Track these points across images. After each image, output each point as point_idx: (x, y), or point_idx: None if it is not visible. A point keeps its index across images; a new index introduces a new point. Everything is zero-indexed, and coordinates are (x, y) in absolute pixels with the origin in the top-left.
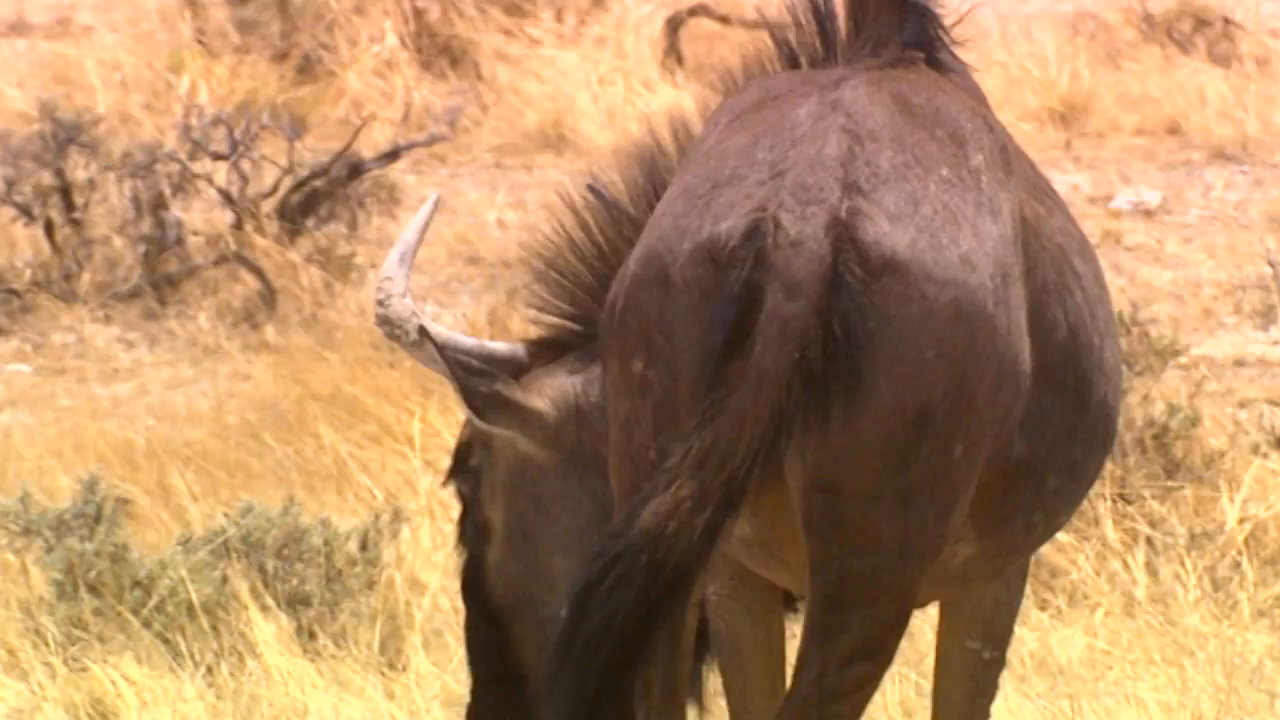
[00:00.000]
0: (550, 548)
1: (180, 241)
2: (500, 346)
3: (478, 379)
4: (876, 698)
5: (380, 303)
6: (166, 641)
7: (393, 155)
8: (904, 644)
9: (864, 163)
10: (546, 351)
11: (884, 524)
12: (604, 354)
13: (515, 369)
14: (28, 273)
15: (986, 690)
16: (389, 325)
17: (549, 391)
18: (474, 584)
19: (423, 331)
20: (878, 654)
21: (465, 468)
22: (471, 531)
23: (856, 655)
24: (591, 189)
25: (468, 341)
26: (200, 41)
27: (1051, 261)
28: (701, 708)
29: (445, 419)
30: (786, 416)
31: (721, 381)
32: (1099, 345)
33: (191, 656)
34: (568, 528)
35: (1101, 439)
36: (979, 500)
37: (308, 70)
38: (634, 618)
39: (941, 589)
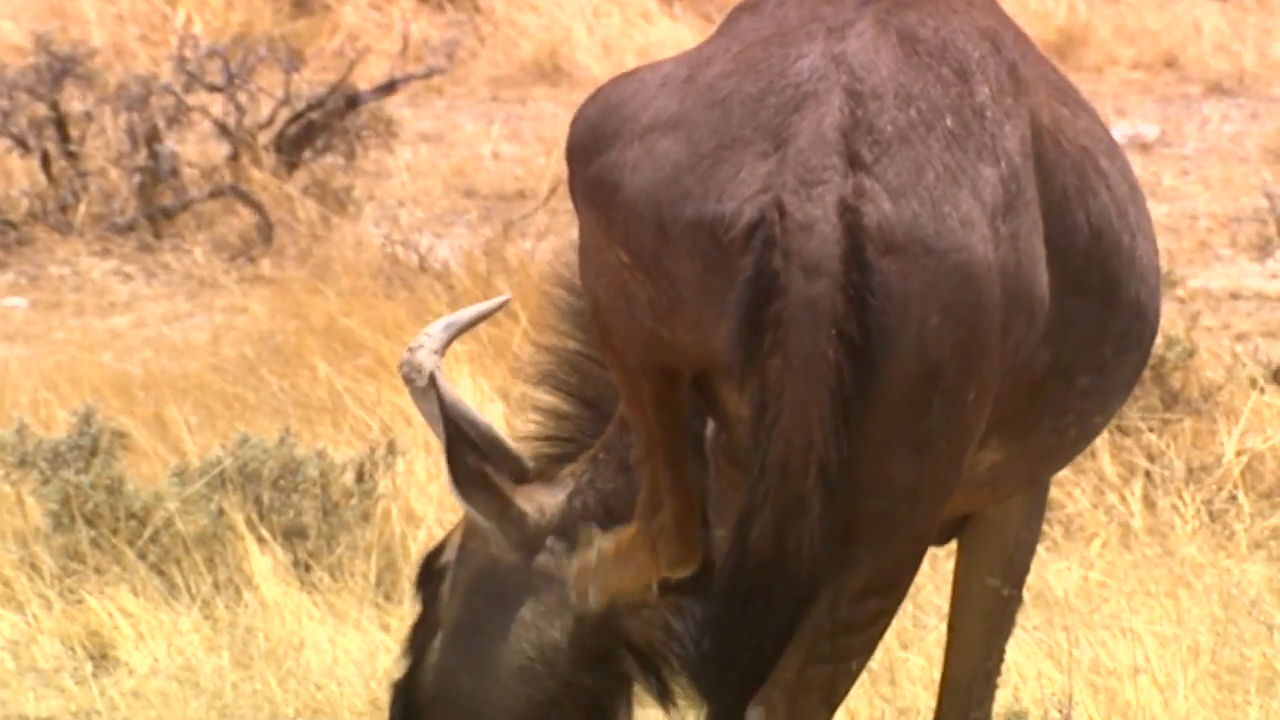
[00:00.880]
0: (497, 637)
1: (176, 174)
2: (510, 442)
3: (470, 451)
4: None
5: (411, 348)
6: (162, 574)
7: (389, 88)
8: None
9: (865, 130)
10: (549, 469)
11: (897, 469)
12: (577, 201)
13: (516, 470)
14: (23, 205)
15: (1004, 627)
16: (409, 368)
17: (538, 499)
18: (403, 685)
19: (432, 381)
20: (891, 590)
21: (431, 569)
22: (421, 635)
23: (869, 590)
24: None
25: (480, 419)
26: None
27: (1073, 165)
28: None
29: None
30: (843, 394)
31: (765, 379)
32: (1129, 243)
33: (188, 589)
34: (520, 621)
35: (1136, 337)
36: (1004, 407)
37: (304, 3)
38: (780, 630)
39: (971, 497)
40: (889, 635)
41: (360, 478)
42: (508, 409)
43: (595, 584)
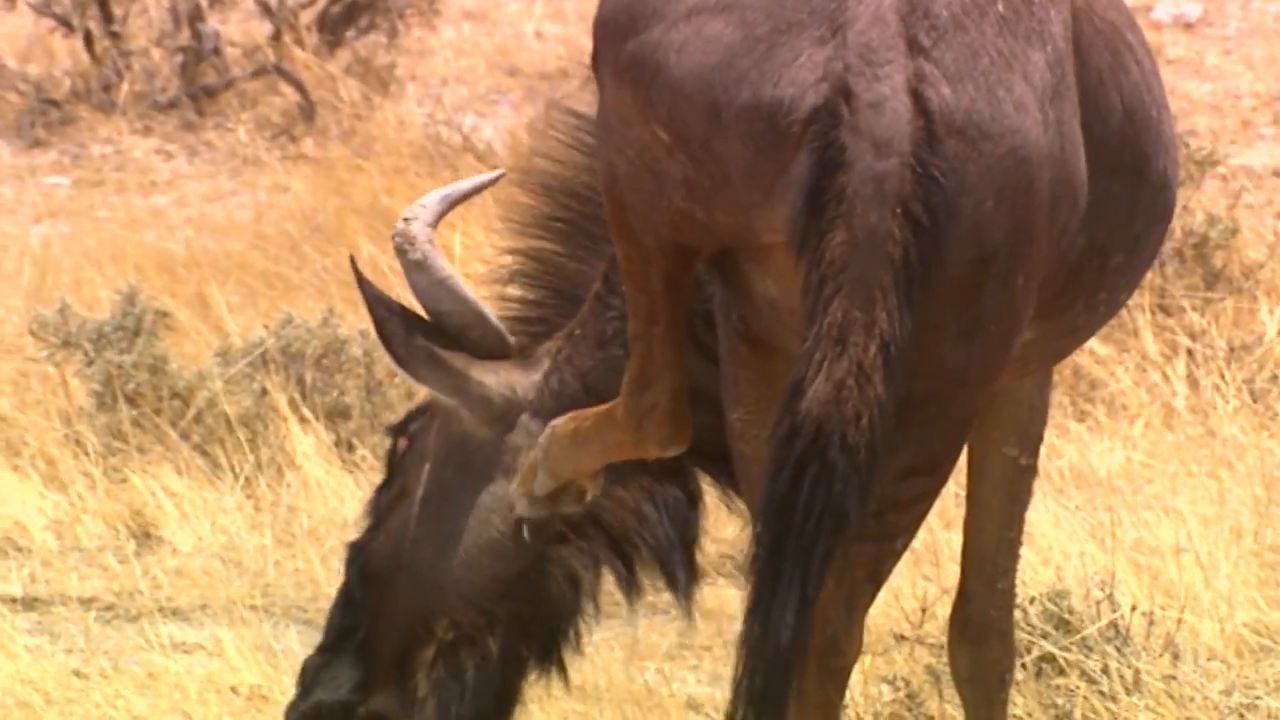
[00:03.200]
0: (462, 512)
1: (218, 53)
2: (495, 319)
3: (419, 329)
4: None
5: (406, 218)
6: (205, 453)
7: None
8: None
9: (922, 14)
10: (528, 346)
11: (946, 352)
12: (605, 78)
13: (499, 347)
14: (66, 84)
15: (1023, 497)
16: (402, 238)
17: (503, 375)
18: (363, 547)
19: (426, 261)
20: (935, 470)
21: (405, 430)
22: (385, 499)
23: (915, 470)
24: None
25: (468, 294)
26: None
27: (1106, 43)
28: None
29: (485, 231)
30: (908, 275)
31: (825, 253)
32: (1156, 118)
33: (231, 468)
34: (491, 497)
35: (1162, 211)
36: (1043, 290)
37: None
38: (840, 509)
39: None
40: (932, 515)
41: None
42: None
43: (546, 468)
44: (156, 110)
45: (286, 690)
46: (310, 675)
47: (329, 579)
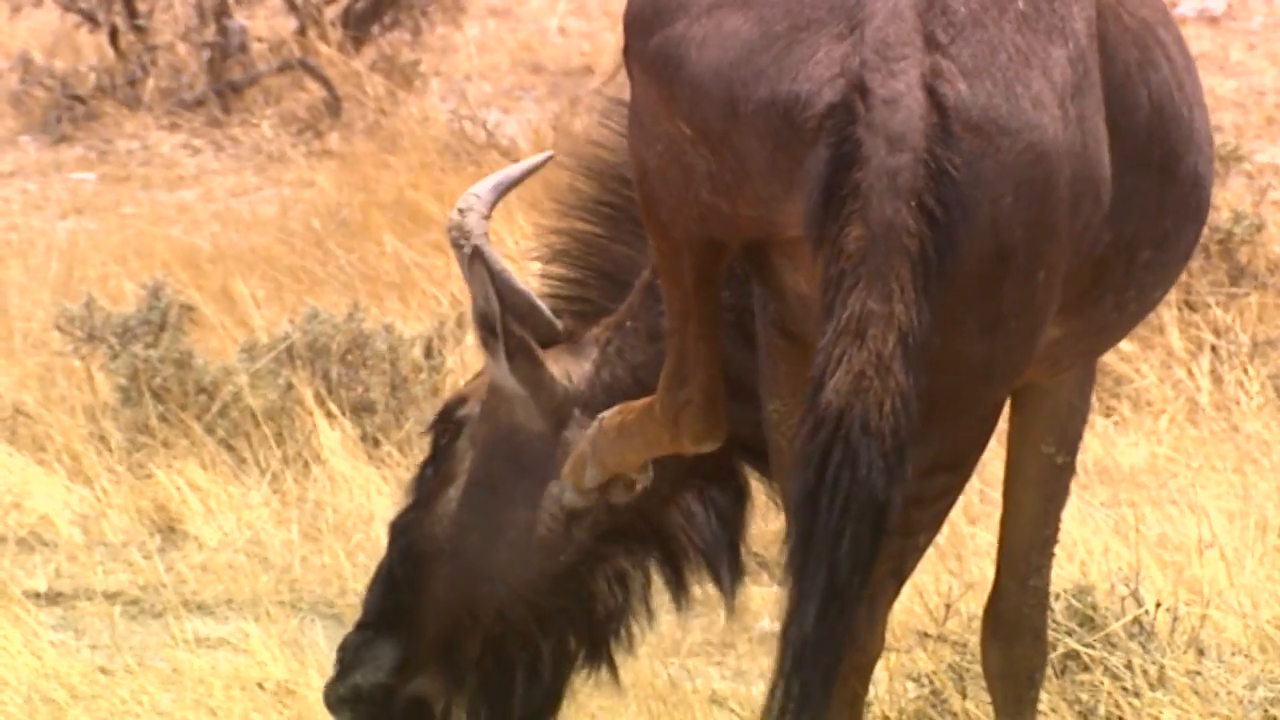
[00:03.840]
0: (512, 502)
1: (244, 49)
2: (545, 308)
3: (514, 319)
4: None
5: (460, 210)
6: (231, 448)
7: None
8: None
9: (940, 11)
10: (576, 330)
11: (968, 347)
12: (633, 71)
13: (549, 334)
14: (92, 79)
15: (1059, 495)
16: (457, 231)
17: (560, 365)
18: (407, 527)
19: (477, 252)
20: (959, 467)
21: (450, 417)
22: (429, 478)
23: (938, 467)
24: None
25: (520, 284)
26: None
27: (1134, 40)
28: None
29: (509, 226)
30: (925, 267)
31: (844, 248)
32: (1188, 115)
33: (256, 463)
34: (538, 486)
35: (1193, 209)
36: (1069, 286)
37: None
38: (869, 496)
39: (1032, 372)
40: (956, 511)
41: (428, 352)
42: None
43: (594, 460)
44: (182, 106)
45: (313, 685)
46: (350, 654)
47: (355, 574)
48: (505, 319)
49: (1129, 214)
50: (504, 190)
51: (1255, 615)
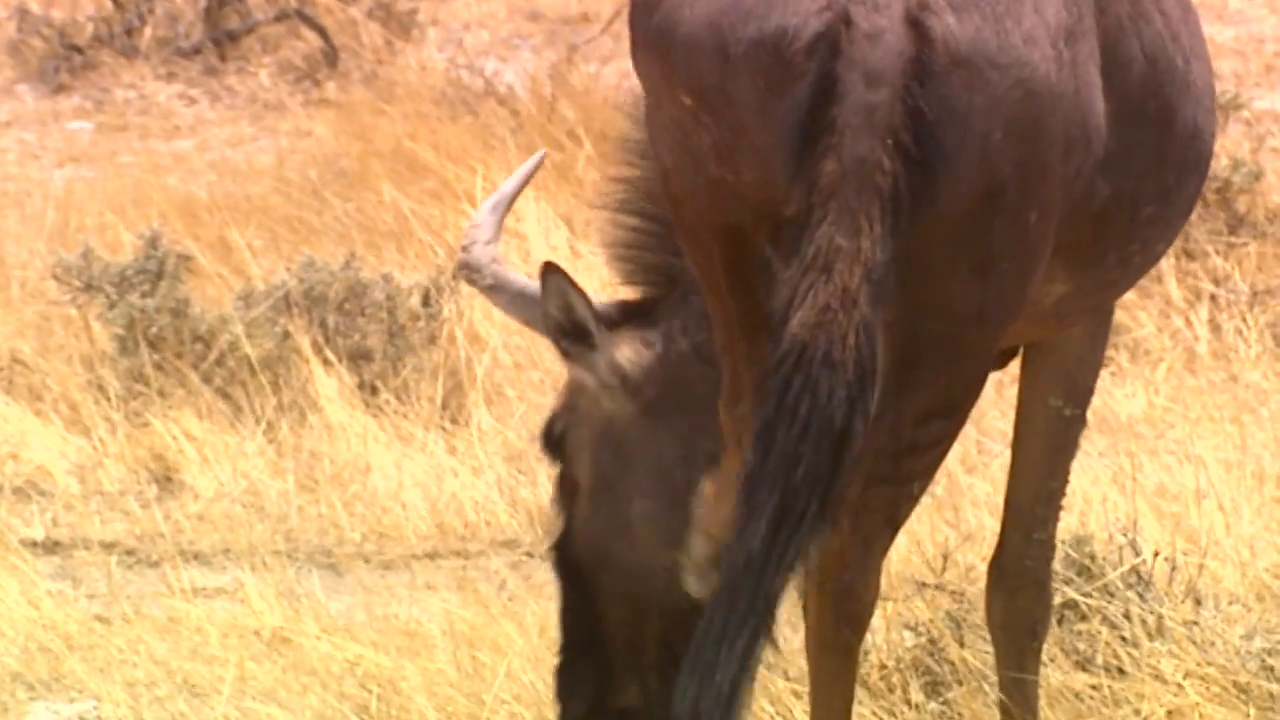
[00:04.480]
0: (630, 495)
1: None
2: (584, 310)
3: (566, 315)
4: None
5: (464, 248)
6: (227, 397)
7: None
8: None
9: None
10: (636, 309)
11: (959, 291)
12: (640, 62)
13: (607, 323)
14: (89, 29)
15: (1067, 447)
16: (467, 270)
17: (625, 349)
18: (563, 547)
19: (501, 282)
20: (953, 412)
21: (552, 436)
22: (564, 494)
23: (932, 413)
24: None
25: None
26: None
27: None
28: None
29: (507, 175)
30: (895, 203)
31: (816, 182)
32: (1183, 67)
33: (253, 412)
34: (649, 471)
35: (1193, 161)
36: (1071, 243)
37: None
38: (826, 424)
39: (1038, 328)
40: (953, 461)
41: (426, 301)
42: (572, 234)
43: (699, 531)
44: (179, 55)
45: (309, 634)
46: (561, 682)
47: (351, 523)
48: (556, 333)
49: (1129, 168)
50: (505, 208)
51: (1252, 564)
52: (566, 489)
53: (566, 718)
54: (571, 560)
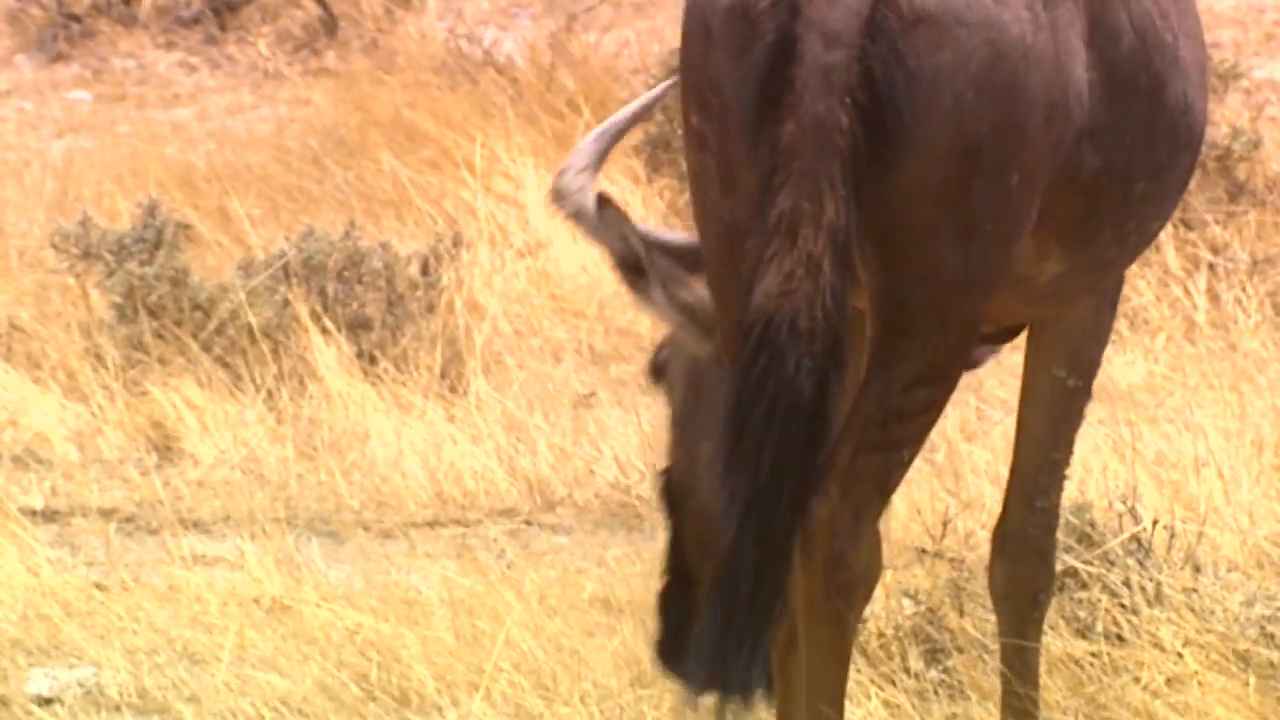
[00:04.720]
0: (700, 436)
1: None
2: (677, 237)
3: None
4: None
5: (561, 171)
6: (227, 365)
7: None
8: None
9: None
10: None
11: (943, 255)
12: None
13: (690, 262)
14: None
15: (1070, 418)
16: (555, 194)
17: (698, 290)
18: (663, 474)
19: (583, 210)
20: (940, 380)
21: (655, 365)
22: (668, 427)
23: (920, 380)
24: None
25: (632, 230)
26: None
27: None
28: None
29: (505, 144)
30: (855, 164)
31: (776, 143)
32: (1173, 42)
33: (252, 380)
34: (711, 418)
35: (1184, 137)
36: (1063, 217)
37: None
38: (796, 398)
39: (1037, 307)
40: (952, 429)
41: (425, 270)
42: None
43: None
44: (178, 24)
45: (308, 601)
46: (658, 601)
47: (350, 491)
48: (649, 254)
49: (1120, 142)
50: (609, 137)
51: (1252, 532)
52: (668, 422)
53: (656, 638)
54: (664, 489)
